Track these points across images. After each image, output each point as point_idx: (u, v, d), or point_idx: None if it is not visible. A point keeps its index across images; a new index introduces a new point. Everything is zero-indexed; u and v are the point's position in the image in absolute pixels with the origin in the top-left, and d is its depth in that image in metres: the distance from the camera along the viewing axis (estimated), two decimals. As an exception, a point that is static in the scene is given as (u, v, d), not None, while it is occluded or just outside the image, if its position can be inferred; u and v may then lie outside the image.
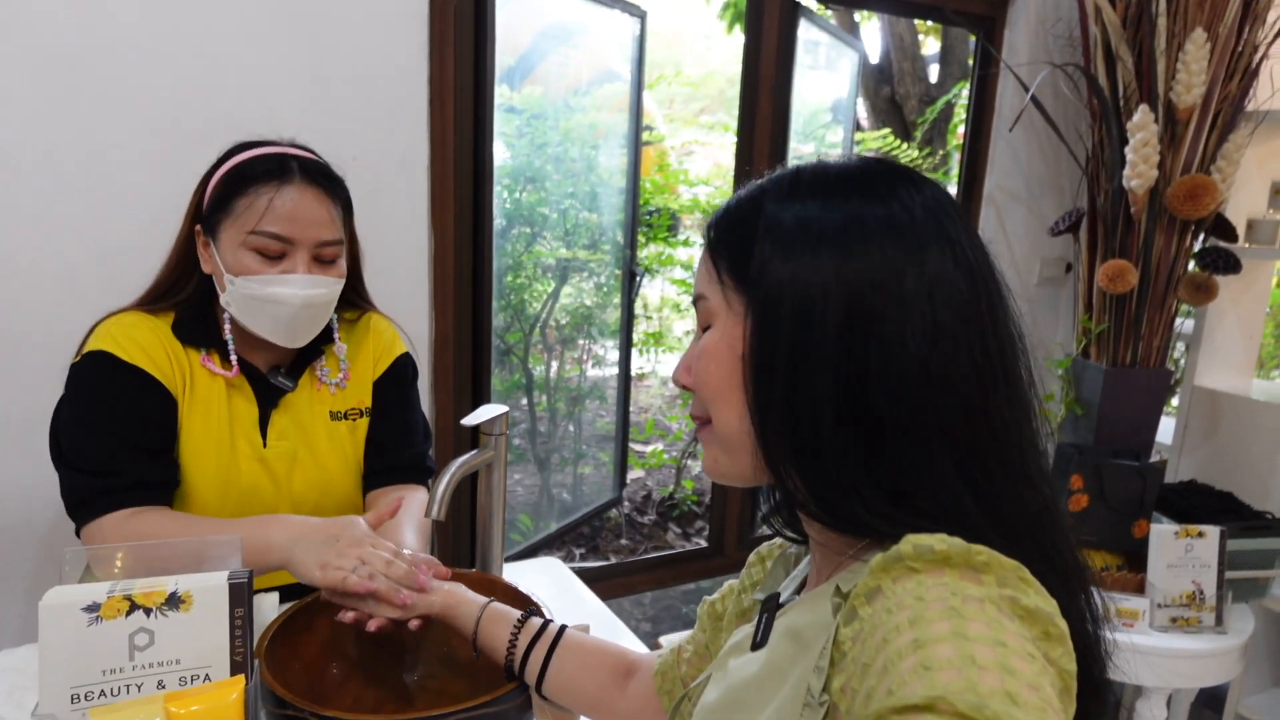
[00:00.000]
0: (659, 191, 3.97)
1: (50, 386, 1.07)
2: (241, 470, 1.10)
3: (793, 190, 0.57)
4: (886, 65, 4.55)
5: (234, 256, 1.03)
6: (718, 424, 0.60)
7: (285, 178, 1.03)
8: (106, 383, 1.03)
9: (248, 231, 1.01)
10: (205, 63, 1.42)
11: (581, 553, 3.33)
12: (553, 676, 0.85)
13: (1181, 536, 1.74)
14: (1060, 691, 0.42)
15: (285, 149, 1.07)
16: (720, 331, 0.59)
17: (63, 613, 0.74)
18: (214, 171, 1.07)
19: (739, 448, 0.58)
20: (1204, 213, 1.86)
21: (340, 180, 1.10)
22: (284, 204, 1.02)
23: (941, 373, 0.51)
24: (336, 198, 1.08)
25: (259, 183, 1.02)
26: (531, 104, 2.51)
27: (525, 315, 2.84)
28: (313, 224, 1.04)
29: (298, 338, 1.08)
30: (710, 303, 0.60)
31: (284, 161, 1.04)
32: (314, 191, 1.04)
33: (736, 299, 0.58)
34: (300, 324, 1.07)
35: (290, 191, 1.02)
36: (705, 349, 0.60)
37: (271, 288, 1.02)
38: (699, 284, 0.62)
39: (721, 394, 0.58)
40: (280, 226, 1.02)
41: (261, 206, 1.01)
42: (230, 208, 1.02)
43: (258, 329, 1.06)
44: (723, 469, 0.62)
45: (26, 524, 1.40)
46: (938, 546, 0.46)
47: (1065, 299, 2.53)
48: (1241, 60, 1.89)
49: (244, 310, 1.05)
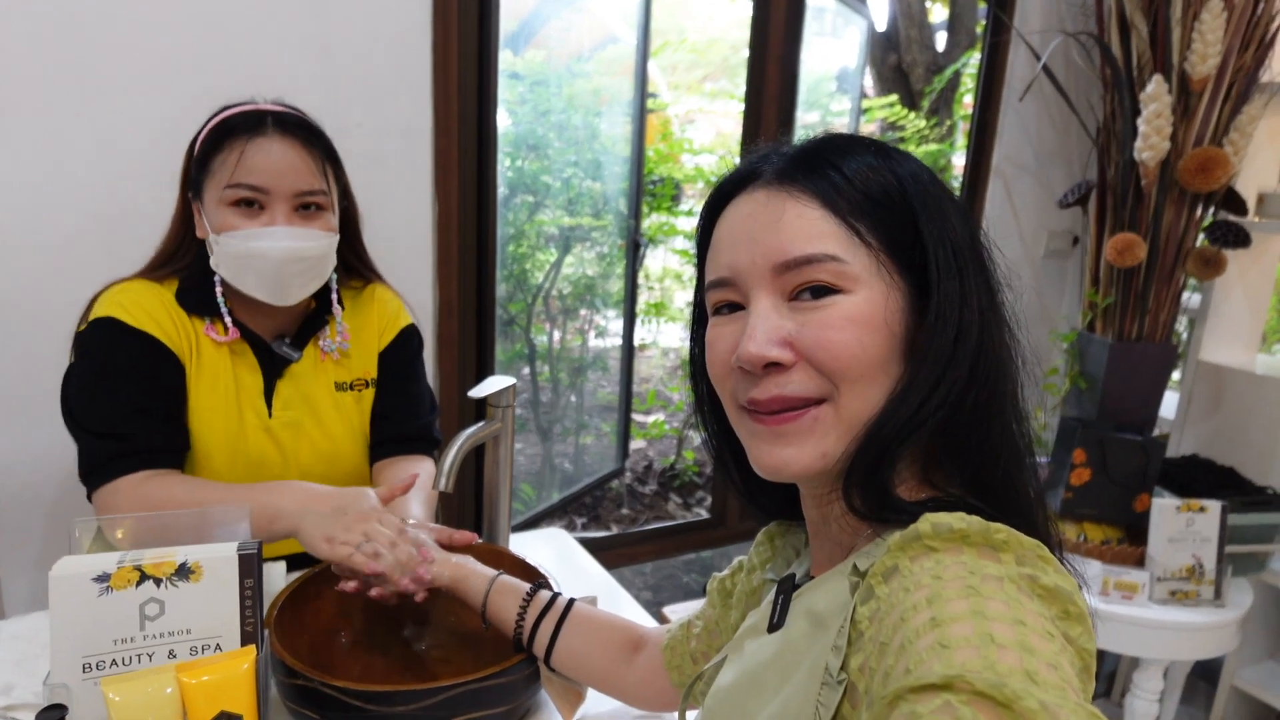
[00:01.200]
0: (662, 160, 3.93)
1: (52, 357, 1.06)
2: (249, 440, 1.10)
3: (886, 151, 0.58)
4: (893, 33, 4.48)
5: (217, 214, 1.02)
6: (852, 403, 0.53)
7: (258, 130, 1.02)
8: (115, 348, 1.02)
9: (224, 186, 1.01)
10: (208, 30, 1.39)
11: (583, 522, 3.35)
12: (561, 649, 0.85)
13: (1183, 511, 1.74)
14: (1080, 670, 0.42)
15: (260, 105, 1.06)
16: (871, 301, 0.53)
17: (73, 583, 0.74)
18: (199, 136, 1.06)
19: (856, 433, 0.53)
20: (1215, 186, 1.84)
21: (319, 131, 1.08)
22: (256, 154, 1.00)
23: (1003, 334, 0.56)
24: (315, 147, 1.06)
25: (232, 137, 1.01)
26: (534, 70, 2.48)
27: (528, 285, 2.82)
28: (287, 173, 1.02)
29: (288, 294, 1.06)
30: (850, 267, 0.53)
31: (259, 116, 1.03)
32: (288, 140, 1.03)
33: (892, 266, 0.54)
34: (287, 279, 1.04)
35: (262, 142, 1.01)
36: (854, 318, 0.52)
37: (251, 242, 1.01)
38: (813, 242, 0.53)
39: (869, 370, 0.53)
40: (254, 177, 1.00)
41: (233, 160, 1.00)
42: (209, 166, 1.02)
43: (245, 287, 1.04)
44: (831, 460, 0.54)
45: (32, 493, 1.40)
46: (956, 525, 0.46)
47: (1071, 272, 2.51)
48: (1257, 31, 1.86)
49: (231, 270, 1.04)
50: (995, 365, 0.54)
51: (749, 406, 0.56)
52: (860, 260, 0.53)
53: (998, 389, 0.54)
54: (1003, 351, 0.55)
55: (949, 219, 0.55)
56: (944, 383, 0.52)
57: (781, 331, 0.54)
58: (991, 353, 0.54)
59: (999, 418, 0.54)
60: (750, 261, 0.55)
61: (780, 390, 0.54)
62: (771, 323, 0.54)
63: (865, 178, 0.55)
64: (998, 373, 0.54)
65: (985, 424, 0.53)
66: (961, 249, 0.55)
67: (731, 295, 0.57)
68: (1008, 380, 0.55)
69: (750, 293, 0.56)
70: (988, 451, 0.54)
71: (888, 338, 0.53)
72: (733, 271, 0.56)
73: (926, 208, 0.55)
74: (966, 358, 0.52)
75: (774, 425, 0.54)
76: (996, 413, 0.54)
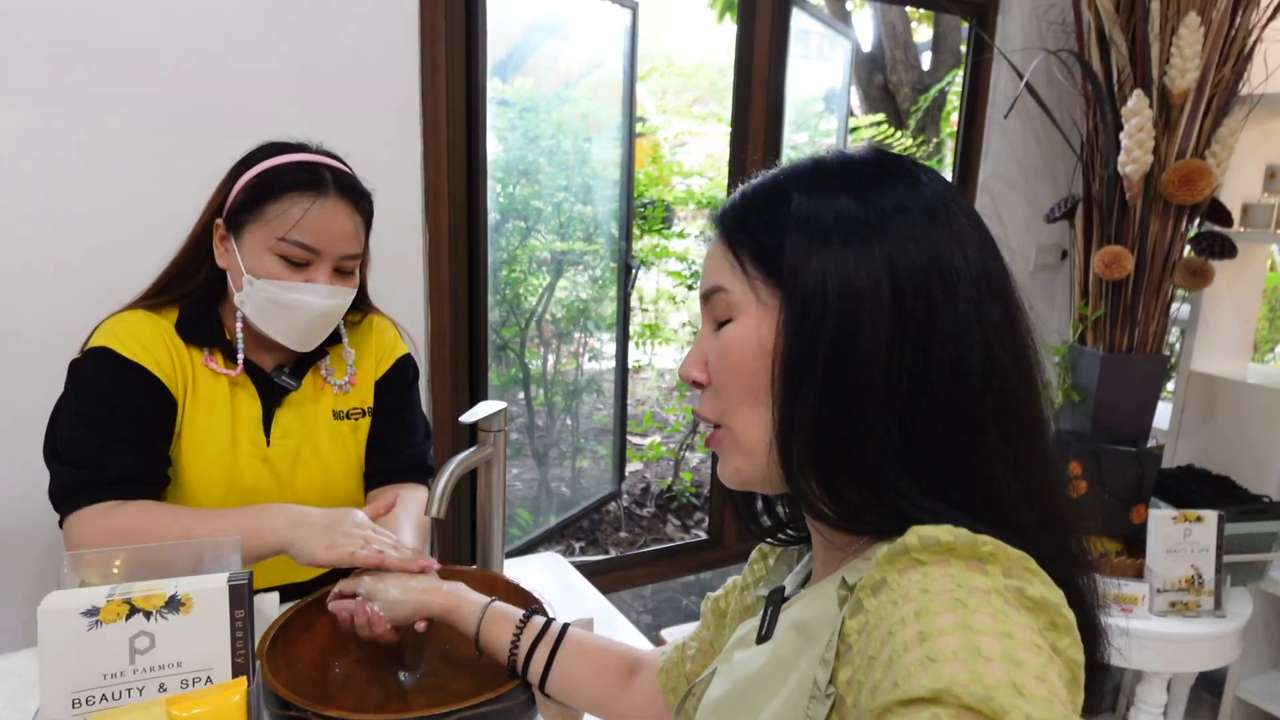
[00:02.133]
0: (653, 183, 3.96)
1: (46, 389, 1.06)
2: (244, 469, 1.10)
3: (818, 179, 0.56)
4: (879, 53, 4.54)
5: (257, 259, 1.03)
6: (738, 428, 0.57)
7: (321, 189, 1.03)
8: (105, 378, 1.03)
9: (277, 238, 1.02)
10: (198, 61, 1.41)
11: (581, 546, 3.33)
12: (556, 675, 0.85)
13: (1180, 521, 1.74)
14: (1068, 682, 0.42)
15: (318, 157, 1.08)
16: (747, 327, 0.56)
17: (62, 617, 0.73)
18: (242, 169, 1.07)
19: (762, 452, 0.56)
20: (1199, 198, 1.86)
21: (368, 195, 1.11)
22: (317, 216, 1.03)
23: (995, 358, 0.52)
24: (363, 211, 1.09)
25: (293, 191, 1.02)
26: (523, 96, 2.50)
27: (521, 309, 2.83)
28: (340, 238, 1.05)
29: (309, 342, 1.09)
30: (732, 296, 0.57)
31: (319, 172, 1.05)
32: (345, 206, 1.05)
33: (768, 292, 0.55)
34: (313, 330, 1.08)
35: (325, 204, 1.03)
36: (730, 345, 0.56)
37: (293, 294, 1.03)
38: (714, 276, 0.58)
39: (749, 394, 0.56)
40: (311, 238, 1.03)
41: (295, 215, 1.02)
42: (260, 211, 1.03)
43: (271, 331, 1.06)
44: (746, 477, 0.58)
45: (26, 528, 1.39)
46: (943, 537, 0.46)
47: (1061, 286, 2.53)
48: (1235, 44, 1.89)
49: (259, 312, 1.05)
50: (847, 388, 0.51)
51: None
52: (740, 289, 0.56)
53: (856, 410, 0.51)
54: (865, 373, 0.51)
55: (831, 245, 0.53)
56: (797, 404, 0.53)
57: (701, 355, 0.60)
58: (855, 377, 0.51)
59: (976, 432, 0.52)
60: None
61: (698, 408, 0.61)
62: (700, 347, 0.60)
63: (750, 206, 0.58)
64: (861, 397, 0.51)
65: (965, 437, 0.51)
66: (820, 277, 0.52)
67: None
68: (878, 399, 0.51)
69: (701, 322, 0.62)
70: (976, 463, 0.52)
71: (761, 364, 0.55)
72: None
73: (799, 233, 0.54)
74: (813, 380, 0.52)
75: (710, 445, 0.61)
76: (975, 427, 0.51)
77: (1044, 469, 0.54)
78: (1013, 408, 0.53)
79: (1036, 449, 0.54)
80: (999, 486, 0.52)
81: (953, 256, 0.52)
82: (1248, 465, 2.07)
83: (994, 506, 0.52)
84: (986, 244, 0.55)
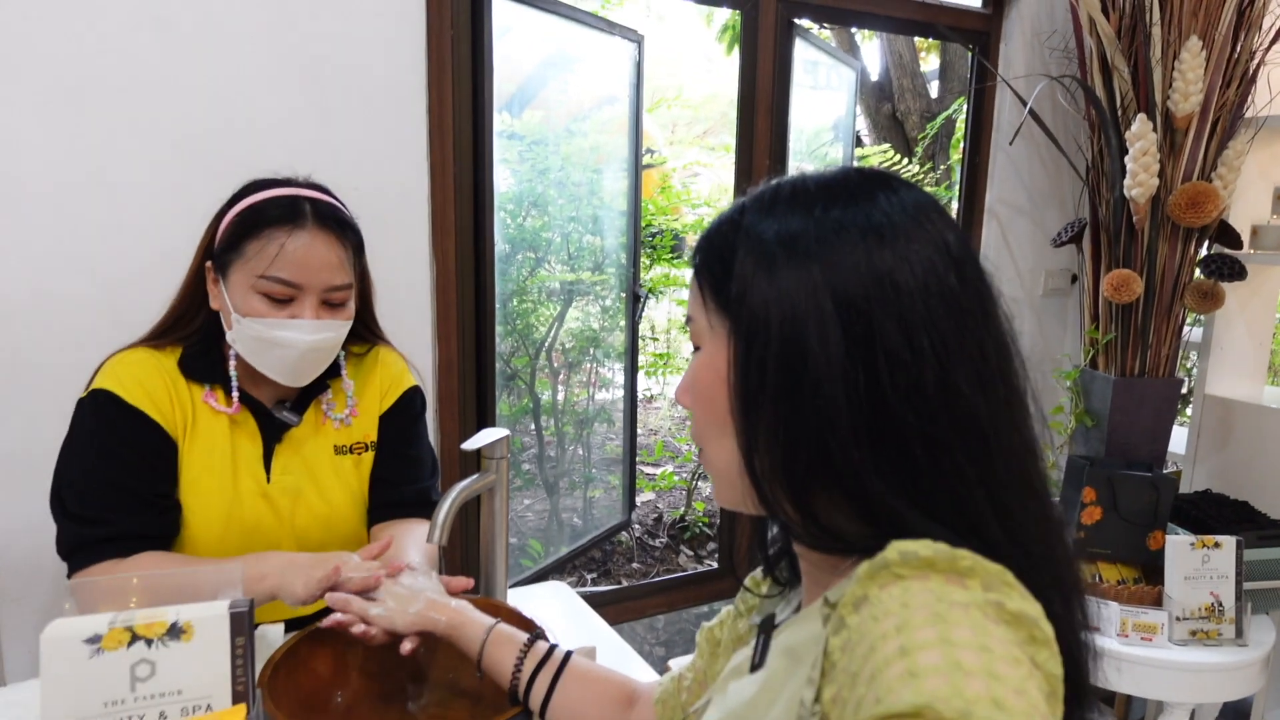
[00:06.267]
0: (662, 213, 3.99)
1: (57, 421, 1.08)
2: (245, 506, 1.10)
3: (771, 204, 0.57)
4: (886, 83, 4.58)
5: (242, 297, 1.03)
6: (711, 453, 0.59)
7: (298, 222, 1.03)
8: (106, 427, 1.04)
9: (257, 275, 1.01)
10: (209, 97, 1.44)
11: (593, 577, 3.31)
12: (557, 703, 0.84)
13: (1198, 547, 1.71)
14: (1047, 695, 0.42)
15: (299, 190, 1.07)
16: (707, 356, 0.58)
17: (64, 645, 0.74)
18: (227, 209, 1.07)
19: (735, 476, 0.56)
20: (1206, 220, 1.86)
21: (352, 224, 1.09)
22: (294, 249, 1.01)
23: (949, 378, 0.50)
24: (347, 241, 1.07)
25: (271, 226, 1.02)
26: (532, 130, 2.54)
27: (531, 340, 2.85)
28: (322, 269, 1.04)
29: (301, 378, 1.09)
30: (698, 325, 0.59)
31: (296, 205, 1.04)
32: (325, 236, 1.04)
33: (720, 321, 0.57)
34: (305, 366, 1.07)
35: (302, 236, 1.02)
36: (696, 374, 0.59)
37: (277, 331, 1.02)
38: (689, 305, 0.61)
39: (715, 421, 0.57)
40: (289, 272, 1.02)
41: (272, 252, 1.01)
42: (241, 249, 1.02)
43: (263, 368, 1.06)
44: (729, 499, 0.59)
45: (38, 560, 1.40)
46: (923, 552, 0.46)
47: (1071, 310, 2.52)
48: (1238, 67, 1.89)
49: (249, 350, 1.05)
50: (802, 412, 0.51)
51: None
52: (700, 318, 0.58)
53: (814, 432, 0.51)
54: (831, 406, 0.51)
55: (773, 268, 0.53)
56: (758, 430, 0.53)
57: (688, 381, 0.61)
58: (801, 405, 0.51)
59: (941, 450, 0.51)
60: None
61: (692, 431, 0.62)
62: (687, 373, 0.62)
63: (712, 234, 0.59)
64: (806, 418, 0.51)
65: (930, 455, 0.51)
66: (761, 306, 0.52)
67: None
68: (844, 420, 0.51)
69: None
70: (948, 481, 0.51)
71: (718, 391, 0.56)
72: None
73: (750, 266, 0.54)
74: (761, 408, 0.53)
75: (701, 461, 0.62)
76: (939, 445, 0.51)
77: (1020, 489, 0.52)
78: (975, 428, 0.51)
79: (1012, 469, 0.52)
80: (973, 506, 0.51)
81: (898, 274, 0.51)
82: (1266, 490, 2.04)
83: (966, 522, 0.51)
84: (956, 261, 0.53)
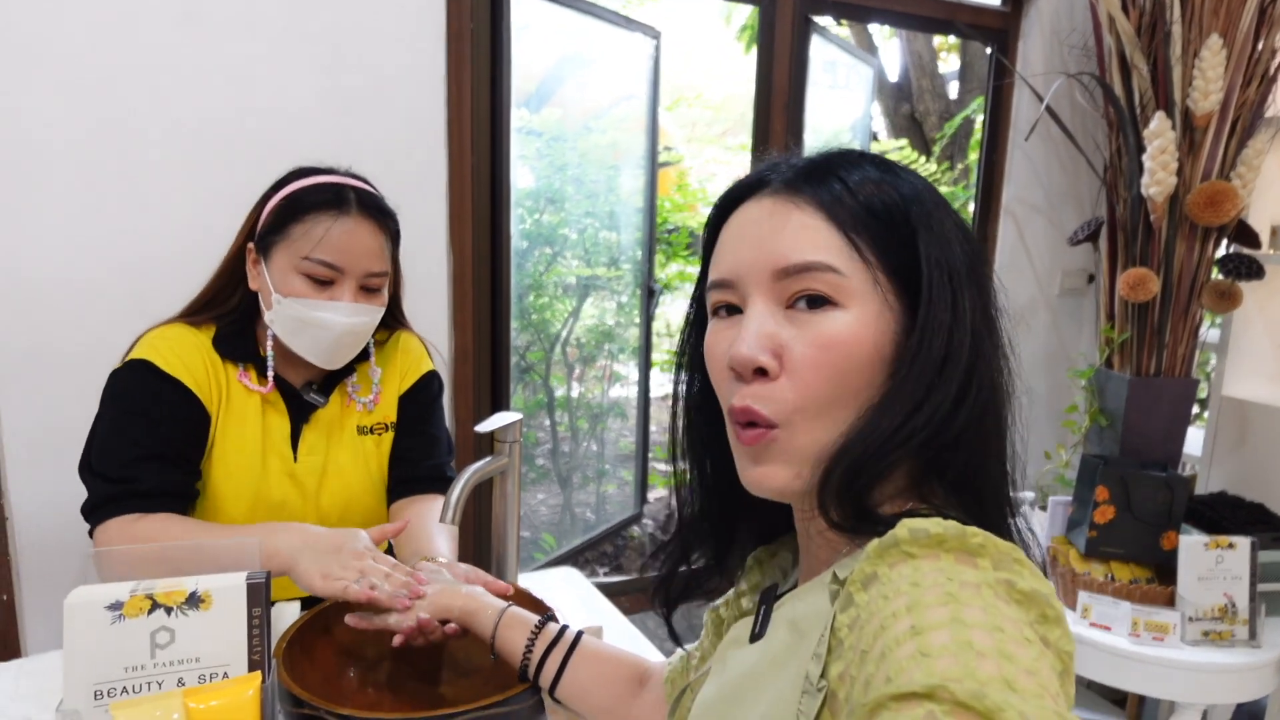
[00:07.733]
0: (678, 210, 4.00)
1: (83, 401, 1.10)
2: (272, 485, 1.13)
3: (892, 168, 0.58)
4: (905, 83, 4.56)
5: (284, 278, 1.06)
6: (800, 439, 0.54)
7: (343, 208, 1.06)
8: (141, 390, 1.06)
9: (301, 257, 1.05)
10: (233, 86, 1.47)
11: (605, 571, 3.33)
12: (567, 682, 0.85)
13: (1211, 548, 1.70)
14: (1059, 674, 0.42)
15: (343, 179, 1.11)
16: (863, 321, 0.53)
17: (86, 611, 0.76)
18: (272, 194, 1.11)
19: (819, 462, 0.53)
20: (1225, 219, 1.84)
21: (393, 214, 1.13)
22: (339, 234, 1.05)
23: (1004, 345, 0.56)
24: (387, 230, 1.11)
25: (317, 211, 1.06)
26: (551, 126, 2.56)
27: (547, 334, 2.87)
28: (364, 255, 1.07)
29: (336, 360, 1.12)
30: (847, 281, 0.53)
31: (342, 192, 1.08)
32: (368, 224, 1.08)
33: (888, 285, 0.54)
34: (341, 348, 1.10)
35: (346, 222, 1.06)
36: (838, 336, 0.52)
37: (317, 312, 1.06)
38: (808, 249, 0.53)
39: (845, 395, 0.53)
40: (333, 256, 1.05)
41: (317, 235, 1.05)
42: (286, 232, 1.06)
43: (298, 349, 1.09)
44: (806, 478, 0.54)
45: (62, 538, 1.43)
46: (933, 530, 0.46)
47: (1088, 309, 2.50)
48: (1259, 66, 1.88)
49: (287, 330, 1.08)
50: (988, 390, 0.54)
51: (731, 414, 0.56)
52: (858, 275, 0.53)
53: (988, 413, 0.54)
54: (996, 376, 0.55)
55: (950, 240, 0.54)
56: (927, 404, 0.51)
57: (775, 338, 0.53)
58: (984, 377, 0.54)
59: (989, 441, 0.54)
60: (751, 265, 0.55)
61: (751, 403, 0.54)
62: (766, 327, 0.54)
63: (869, 193, 0.55)
64: (990, 397, 0.54)
65: (972, 446, 0.53)
66: (959, 272, 0.54)
67: (730, 297, 0.57)
68: (998, 406, 0.55)
69: (748, 296, 0.56)
70: (974, 473, 0.54)
71: (872, 359, 0.52)
72: (734, 273, 0.57)
73: (929, 228, 0.54)
74: (954, 380, 0.52)
75: (748, 445, 0.55)
76: (989, 436, 0.54)
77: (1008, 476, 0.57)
78: (1003, 391, 0.56)
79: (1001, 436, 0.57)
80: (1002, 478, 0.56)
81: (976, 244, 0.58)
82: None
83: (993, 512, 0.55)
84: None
